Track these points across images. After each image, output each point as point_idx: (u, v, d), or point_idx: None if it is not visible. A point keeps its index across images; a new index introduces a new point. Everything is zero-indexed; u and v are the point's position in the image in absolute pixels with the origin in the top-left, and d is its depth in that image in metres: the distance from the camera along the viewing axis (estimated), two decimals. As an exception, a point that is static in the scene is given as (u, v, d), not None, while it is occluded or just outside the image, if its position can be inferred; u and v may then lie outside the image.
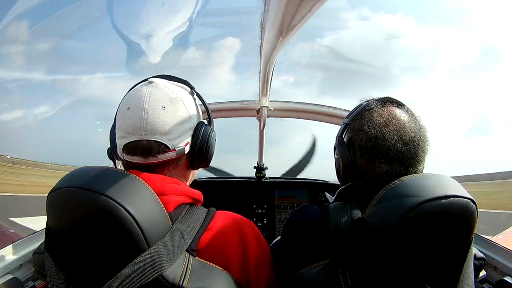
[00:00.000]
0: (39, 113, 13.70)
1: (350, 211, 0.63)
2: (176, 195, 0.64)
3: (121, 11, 1.56)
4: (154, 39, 1.80)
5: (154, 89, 0.67)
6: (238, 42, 1.66)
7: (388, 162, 0.68)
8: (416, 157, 0.68)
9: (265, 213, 1.87)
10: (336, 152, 0.77)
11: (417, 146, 0.68)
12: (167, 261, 0.56)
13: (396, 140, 0.67)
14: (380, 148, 0.68)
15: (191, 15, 1.58)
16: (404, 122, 0.69)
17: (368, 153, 0.69)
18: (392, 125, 0.69)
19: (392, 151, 0.67)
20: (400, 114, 0.71)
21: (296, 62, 1.87)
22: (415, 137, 0.68)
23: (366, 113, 0.73)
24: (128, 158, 0.66)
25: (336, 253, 0.61)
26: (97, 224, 0.55)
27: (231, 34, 1.79)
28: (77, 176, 0.58)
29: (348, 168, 0.72)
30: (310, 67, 1.97)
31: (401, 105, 0.74)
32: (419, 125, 0.71)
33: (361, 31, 2.22)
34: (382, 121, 0.70)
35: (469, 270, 0.62)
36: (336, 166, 0.78)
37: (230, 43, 1.78)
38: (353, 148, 0.72)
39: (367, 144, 0.69)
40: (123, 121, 0.66)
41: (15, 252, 0.97)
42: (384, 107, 0.73)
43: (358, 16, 2.00)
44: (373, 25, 2.09)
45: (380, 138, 0.68)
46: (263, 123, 1.53)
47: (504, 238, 1.75)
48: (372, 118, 0.71)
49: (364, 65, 1.76)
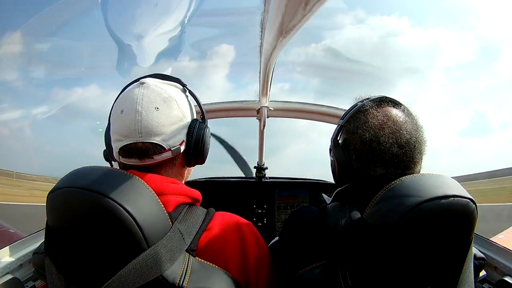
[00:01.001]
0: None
1: (349, 212, 0.63)
2: (176, 195, 0.64)
3: (128, 14, 1.56)
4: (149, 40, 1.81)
5: (146, 90, 0.66)
6: (238, 42, 1.66)
7: (384, 165, 0.67)
8: (412, 160, 0.67)
9: (265, 213, 1.87)
10: (331, 154, 0.76)
11: (413, 148, 0.67)
12: (167, 261, 0.56)
13: (391, 143, 0.66)
14: (375, 152, 0.67)
15: (190, 15, 1.58)
16: (400, 124, 0.68)
17: (363, 157, 0.69)
18: (387, 127, 0.68)
19: (387, 154, 0.66)
20: (396, 114, 0.70)
21: (292, 62, 1.87)
22: (411, 138, 0.67)
23: (360, 115, 0.71)
24: (124, 160, 0.66)
25: (336, 253, 0.61)
26: (97, 224, 0.55)
27: (231, 34, 1.79)
28: (77, 176, 0.58)
29: (343, 170, 0.72)
30: (307, 67, 1.97)
31: (397, 105, 0.73)
32: (416, 125, 0.70)
33: (357, 32, 2.18)
34: (377, 123, 0.68)
35: (469, 270, 0.62)
36: (332, 167, 0.78)
37: (230, 43, 1.78)
38: (348, 150, 0.71)
39: (362, 148, 0.69)
40: (117, 124, 0.65)
41: (15, 252, 0.97)
42: (380, 108, 0.71)
43: (354, 18, 1.99)
44: (369, 27, 2.08)
45: (375, 141, 0.67)
46: (263, 123, 1.53)
47: (504, 238, 1.74)
48: (367, 121, 0.69)
49: (362, 65, 1.76)
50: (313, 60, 1.88)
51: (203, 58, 1.80)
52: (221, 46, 1.87)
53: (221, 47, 1.86)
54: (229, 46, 1.83)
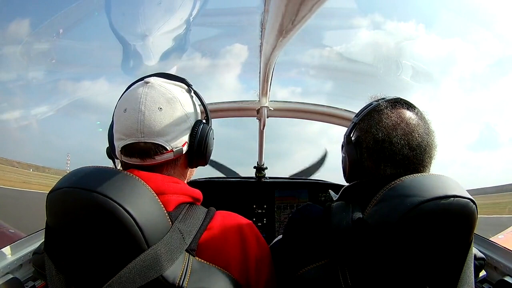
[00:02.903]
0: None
1: (352, 211, 0.63)
2: (176, 194, 0.64)
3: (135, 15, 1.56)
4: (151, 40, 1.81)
5: (150, 89, 0.66)
6: (237, 42, 1.66)
7: (394, 166, 0.68)
8: (422, 163, 0.68)
9: (265, 213, 1.87)
10: (343, 151, 0.77)
11: (423, 152, 0.68)
12: (167, 261, 0.55)
13: (403, 144, 0.67)
14: (386, 152, 0.68)
15: (189, 15, 1.58)
16: (413, 126, 0.69)
17: (375, 156, 0.69)
18: (400, 128, 0.68)
19: (398, 155, 0.67)
20: (409, 117, 0.70)
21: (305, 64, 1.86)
22: (423, 142, 0.68)
23: (375, 114, 0.72)
24: (126, 159, 0.66)
25: (336, 252, 0.61)
26: (96, 225, 0.55)
27: (231, 34, 1.79)
28: (77, 176, 0.58)
29: (354, 167, 0.72)
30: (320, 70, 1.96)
31: (412, 107, 0.73)
32: (428, 129, 0.70)
33: (372, 37, 2.17)
34: (390, 124, 0.69)
35: (469, 270, 0.62)
36: (343, 164, 0.78)
37: (230, 43, 1.78)
38: (360, 148, 0.72)
39: (374, 147, 0.69)
40: (120, 123, 0.65)
41: (15, 252, 0.97)
42: (394, 109, 0.72)
43: (370, 22, 1.99)
44: (385, 32, 2.09)
45: (387, 142, 0.68)
46: (263, 123, 1.53)
47: (504, 238, 1.75)
48: (380, 120, 0.70)
49: (377, 69, 1.75)
50: (327, 64, 1.86)
51: (203, 57, 1.80)
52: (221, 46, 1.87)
53: (220, 47, 1.85)
54: (229, 46, 1.83)
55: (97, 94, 2.24)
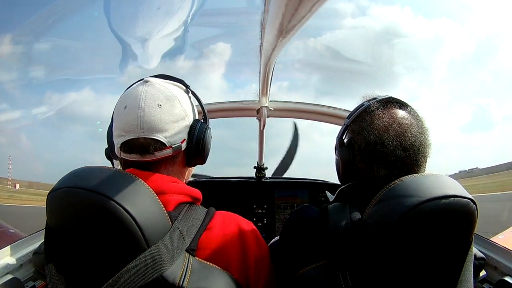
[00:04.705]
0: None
1: (350, 212, 0.63)
2: (176, 194, 0.65)
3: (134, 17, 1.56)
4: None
5: (150, 87, 0.67)
6: (238, 42, 1.66)
7: (387, 167, 0.67)
8: (415, 163, 0.67)
9: (265, 213, 1.87)
10: (336, 153, 0.77)
11: (417, 151, 0.67)
12: (167, 261, 0.56)
13: (395, 146, 0.66)
14: (378, 154, 0.67)
15: (188, 15, 1.58)
16: (405, 126, 0.68)
17: (367, 158, 0.69)
18: (392, 129, 0.68)
19: (391, 157, 0.67)
20: (402, 117, 0.70)
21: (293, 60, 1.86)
22: (416, 141, 0.67)
23: (366, 116, 0.72)
24: (125, 156, 0.67)
25: (336, 253, 0.61)
26: (96, 225, 0.55)
27: (231, 34, 1.79)
28: (77, 176, 0.58)
29: (347, 169, 0.72)
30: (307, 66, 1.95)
31: (404, 106, 0.73)
32: (422, 128, 0.70)
33: (358, 24, 2.14)
34: (382, 125, 0.69)
35: (469, 270, 0.62)
36: (337, 166, 0.79)
37: (229, 43, 1.78)
38: (352, 150, 0.72)
39: (366, 149, 0.69)
40: (120, 120, 0.66)
41: (15, 252, 0.97)
42: (385, 109, 0.71)
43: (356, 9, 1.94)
44: (371, 18, 2.05)
45: (379, 144, 0.67)
46: (263, 123, 1.53)
47: (504, 238, 1.75)
48: (372, 122, 0.70)
49: (365, 57, 1.76)
50: (312, 55, 1.87)
51: (202, 58, 1.81)
52: (220, 46, 1.87)
53: (220, 47, 1.86)
54: (228, 46, 1.83)
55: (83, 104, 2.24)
